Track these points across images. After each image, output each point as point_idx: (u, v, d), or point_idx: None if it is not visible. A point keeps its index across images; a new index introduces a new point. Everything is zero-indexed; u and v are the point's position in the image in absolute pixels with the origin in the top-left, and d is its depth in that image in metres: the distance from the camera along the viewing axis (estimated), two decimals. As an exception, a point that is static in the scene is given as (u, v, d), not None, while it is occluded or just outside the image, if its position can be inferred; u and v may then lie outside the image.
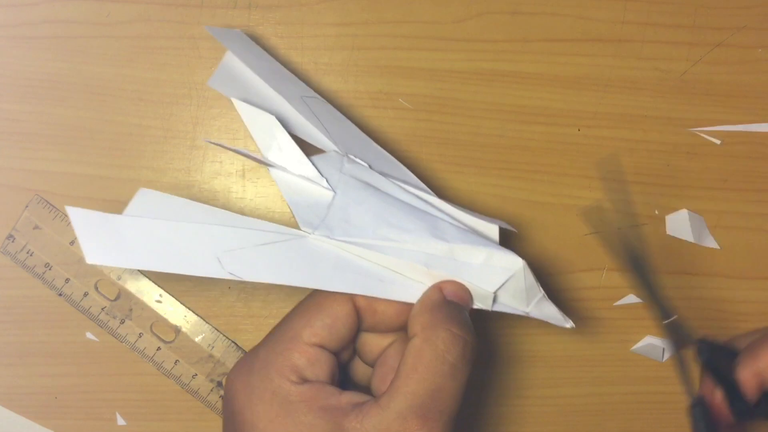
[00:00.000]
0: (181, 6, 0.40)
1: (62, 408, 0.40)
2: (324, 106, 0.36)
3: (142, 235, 0.29)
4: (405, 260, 0.30)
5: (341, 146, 0.34)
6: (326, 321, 0.29)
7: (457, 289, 0.30)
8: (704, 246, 0.43)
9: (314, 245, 0.30)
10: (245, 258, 0.29)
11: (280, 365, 0.28)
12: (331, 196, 0.32)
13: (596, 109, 0.42)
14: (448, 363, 0.28)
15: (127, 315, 0.40)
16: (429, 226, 0.31)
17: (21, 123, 0.40)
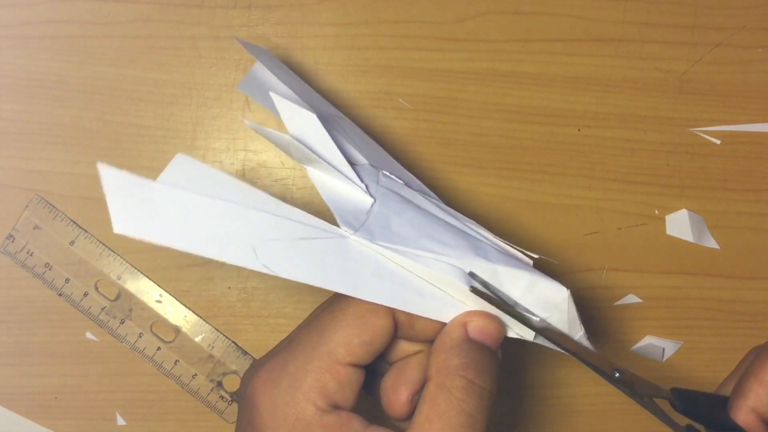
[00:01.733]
0: (181, 6, 0.40)
1: (62, 408, 0.40)
2: (350, 125, 0.35)
3: (176, 209, 0.26)
4: (448, 276, 0.28)
5: (372, 162, 0.32)
6: (364, 338, 0.27)
7: (485, 324, 0.28)
8: (704, 246, 0.43)
9: (354, 248, 0.28)
10: (282, 251, 0.27)
11: (309, 386, 0.26)
12: (370, 203, 0.29)
13: (596, 109, 0.42)
14: (465, 413, 0.26)
15: (127, 315, 0.40)
16: (471, 245, 0.29)
17: (21, 123, 0.40)
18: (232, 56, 0.41)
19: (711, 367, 0.43)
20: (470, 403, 0.26)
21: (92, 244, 0.40)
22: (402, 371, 0.29)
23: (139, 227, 0.25)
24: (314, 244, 0.27)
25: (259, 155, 0.41)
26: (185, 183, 0.26)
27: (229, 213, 0.26)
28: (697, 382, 0.43)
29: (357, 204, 0.29)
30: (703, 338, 0.43)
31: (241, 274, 0.41)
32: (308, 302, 0.41)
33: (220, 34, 0.40)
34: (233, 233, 0.26)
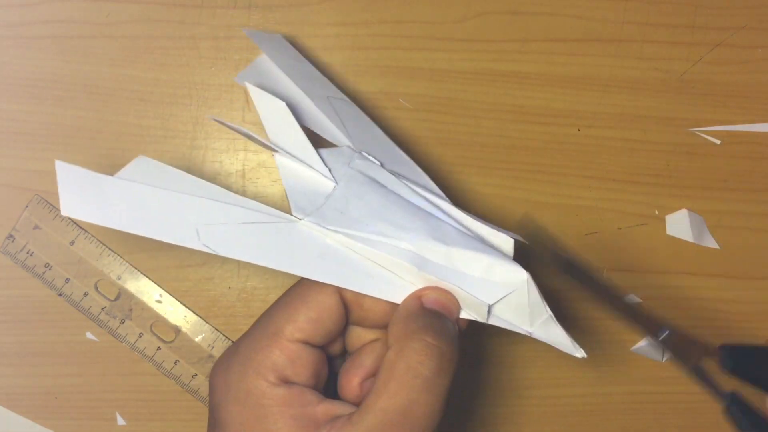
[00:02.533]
0: (181, 6, 0.40)
1: (62, 408, 0.40)
2: (349, 108, 0.36)
3: (125, 197, 0.29)
4: (396, 258, 0.28)
5: (357, 144, 0.33)
6: (311, 315, 0.28)
7: (439, 296, 0.28)
8: (704, 246, 0.43)
9: (302, 232, 0.29)
10: (226, 234, 0.28)
11: (258, 363, 0.27)
12: (331, 187, 0.31)
13: (596, 109, 0.42)
14: (422, 376, 0.26)
15: (127, 315, 0.40)
16: (430, 228, 0.29)
17: (21, 123, 0.40)
18: (232, 56, 0.41)
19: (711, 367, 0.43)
20: (428, 365, 0.26)
21: (92, 244, 0.40)
22: (357, 356, 0.30)
23: (84, 211, 0.28)
24: (259, 228, 0.29)
25: (259, 155, 0.41)
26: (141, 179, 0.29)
27: (176, 200, 0.29)
28: (697, 382, 0.43)
29: (317, 188, 0.31)
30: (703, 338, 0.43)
31: (240, 274, 0.41)
32: (308, 302, 0.41)
33: (220, 34, 0.40)
34: (178, 217, 0.28)
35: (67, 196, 0.28)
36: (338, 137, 0.34)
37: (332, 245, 0.29)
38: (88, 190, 0.28)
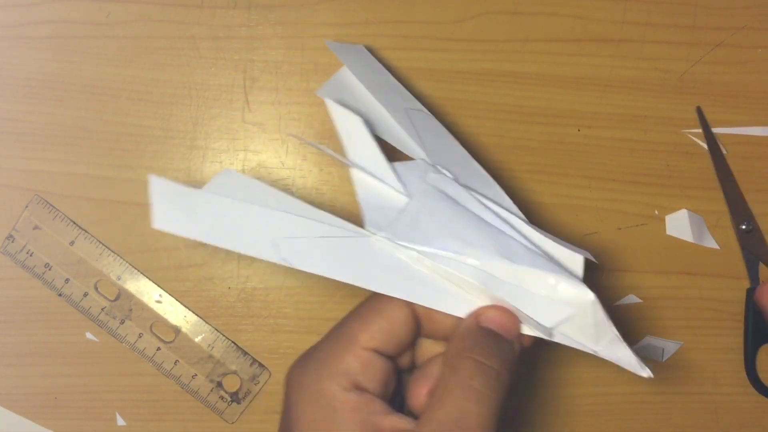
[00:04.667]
0: (181, 6, 0.40)
1: (62, 408, 0.40)
2: (427, 119, 0.36)
3: (211, 211, 0.30)
4: (463, 275, 0.29)
5: (432, 157, 0.33)
6: (383, 325, 0.29)
7: (498, 315, 0.29)
8: (704, 246, 0.43)
9: (375, 246, 0.30)
10: (302, 247, 0.29)
11: (332, 367, 0.28)
12: (404, 202, 0.31)
13: (596, 109, 0.42)
14: (473, 389, 0.27)
15: (127, 315, 0.40)
16: (497, 244, 0.30)
17: (21, 123, 0.40)
18: (232, 56, 0.41)
19: (711, 367, 0.43)
20: (478, 380, 0.27)
21: (92, 244, 0.40)
22: (425, 367, 0.31)
23: (174, 225, 0.29)
24: (334, 242, 0.30)
25: (259, 155, 0.41)
26: (226, 192, 0.30)
27: (258, 214, 0.30)
28: (698, 382, 0.43)
29: (391, 203, 0.31)
30: (703, 338, 0.43)
31: (240, 274, 0.41)
32: (308, 302, 0.41)
33: (219, 34, 0.40)
34: (258, 231, 0.29)
35: (159, 209, 0.29)
36: (414, 150, 0.34)
37: (403, 260, 0.30)
38: (177, 203, 0.29)
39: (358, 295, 0.41)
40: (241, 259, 0.41)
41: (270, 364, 0.41)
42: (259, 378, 0.41)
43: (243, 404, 0.41)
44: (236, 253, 0.41)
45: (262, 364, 0.41)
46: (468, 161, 0.35)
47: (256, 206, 0.30)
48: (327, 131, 0.41)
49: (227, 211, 0.30)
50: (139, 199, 0.40)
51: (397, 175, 0.32)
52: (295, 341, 0.41)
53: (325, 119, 0.41)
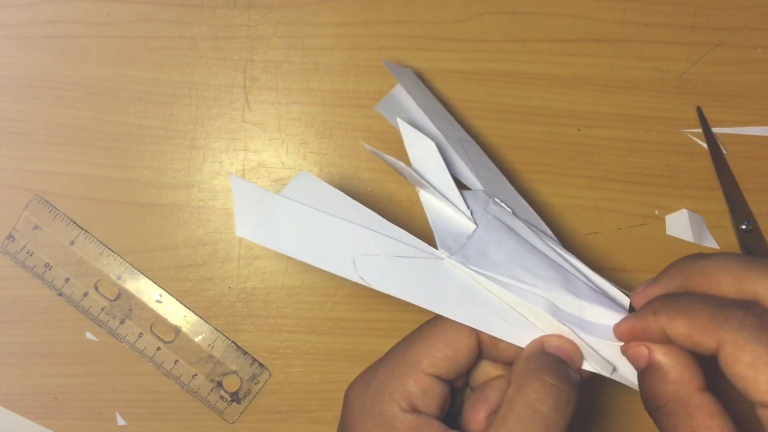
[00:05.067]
0: (181, 6, 0.40)
1: (62, 408, 0.40)
2: (477, 151, 0.37)
3: (292, 220, 0.29)
4: (532, 304, 0.29)
5: (488, 188, 0.34)
6: (447, 353, 0.29)
7: (562, 343, 0.29)
8: (704, 246, 0.43)
9: (447, 269, 0.30)
10: (379, 265, 0.29)
11: (393, 389, 0.29)
12: (472, 229, 0.32)
13: (596, 109, 0.42)
14: (540, 413, 0.26)
15: (127, 315, 0.40)
16: (562, 279, 0.30)
17: (21, 123, 0.40)
18: (232, 56, 0.41)
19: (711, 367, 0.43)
20: (546, 403, 0.27)
21: (92, 244, 0.40)
22: (482, 391, 0.31)
23: (256, 233, 0.29)
24: (410, 262, 0.30)
25: (259, 155, 0.41)
26: (304, 197, 0.30)
27: (336, 227, 0.29)
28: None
29: (459, 228, 0.32)
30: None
31: (240, 274, 0.41)
32: (307, 302, 0.41)
33: (220, 34, 0.40)
34: (337, 245, 0.29)
35: (241, 215, 0.29)
36: (471, 180, 0.34)
37: (473, 285, 0.30)
38: (258, 209, 0.29)
39: (358, 295, 0.41)
40: (241, 259, 0.41)
41: (270, 364, 0.41)
42: (259, 378, 0.41)
43: (243, 404, 0.41)
44: (235, 255, 0.41)
45: (262, 364, 0.41)
46: (516, 195, 0.35)
47: (336, 218, 0.29)
48: (327, 131, 0.41)
49: (307, 221, 0.29)
50: (139, 199, 0.40)
51: (466, 202, 0.32)
52: (295, 341, 0.41)
53: (325, 119, 0.41)
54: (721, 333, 0.24)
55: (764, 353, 0.23)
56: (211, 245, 0.41)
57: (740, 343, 0.23)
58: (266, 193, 0.29)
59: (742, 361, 0.23)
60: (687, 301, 0.25)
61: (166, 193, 0.40)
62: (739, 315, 0.24)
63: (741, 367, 0.23)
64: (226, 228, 0.41)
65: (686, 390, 0.26)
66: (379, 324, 0.41)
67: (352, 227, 0.29)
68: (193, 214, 0.40)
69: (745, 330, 0.23)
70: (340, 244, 0.29)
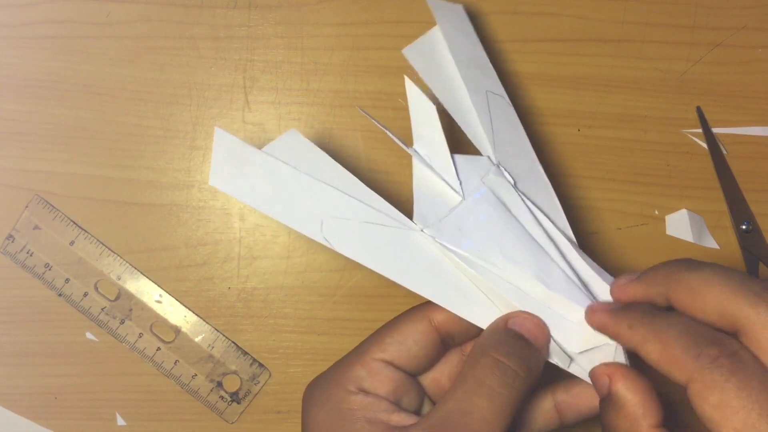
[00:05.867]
0: (181, 6, 0.40)
1: (62, 408, 0.40)
2: (505, 108, 0.35)
3: (267, 175, 0.29)
4: (497, 287, 0.29)
5: (499, 153, 0.33)
6: (396, 338, 0.29)
7: (527, 320, 0.29)
8: (704, 246, 0.43)
9: (417, 241, 0.30)
10: (346, 229, 0.29)
11: (341, 375, 0.29)
12: (457, 201, 0.31)
13: (596, 109, 0.42)
14: (485, 386, 0.27)
15: (127, 315, 0.40)
16: (538, 266, 0.30)
17: (21, 123, 0.40)
18: (232, 56, 0.41)
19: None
20: (493, 379, 0.27)
21: (92, 244, 0.40)
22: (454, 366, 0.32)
23: (230, 184, 0.29)
24: (379, 230, 0.30)
25: (259, 155, 0.41)
26: (285, 155, 0.30)
27: (310, 187, 0.29)
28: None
29: (444, 199, 0.31)
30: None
31: (240, 274, 0.41)
32: (308, 302, 0.41)
33: (220, 34, 0.40)
34: (308, 205, 0.29)
35: (217, 165, 0.29)
36: (482, 142, 0.33)
37: (440, 260, 0.30)
38: (236, 161, 0.29)
39: (358, 295, 0.41)
40: (241, 259, 0.41)
41: (270, 364, 0.41)
42: (259, 378, 0.41)
43: (243, 404, 0.41)
44: (235, 255, 0.41)
45: (262, 364, 0.41)
46: (533, 164, 0.34)
47: (311, 178, 0.29)
48: (327, 131, 0.41)
49: (283, 178, 0.29)
50: (139, 199, 0.40)
51: (456, 171, 0.31)
52: (295, 341, 0.41)
53: (325, 119, 0.41)
54: (692, 370, 0.23)
55: (732, 398, 0.22)
56: (211, 245, 0.41)
57: (709, 384, 0.23)
58: (247, 147, 0.29)
59: (710, 403, 0.23)
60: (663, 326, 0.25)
61: (166, 193, 0.40)
62: (713, 354, 0.23)
63: (708, 408, 0.23)
64: (226, 228, 0.41)
65: (638, 426, 0.26)
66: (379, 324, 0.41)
67: (326, 189, 0.30)
68: (193, 214, 0.40)
69: (715, 371, 0.23)
70: (312, 205, 0.29)
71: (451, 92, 0.34)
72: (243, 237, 0.41)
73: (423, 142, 0.32)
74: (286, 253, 0.41)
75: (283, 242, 0.41)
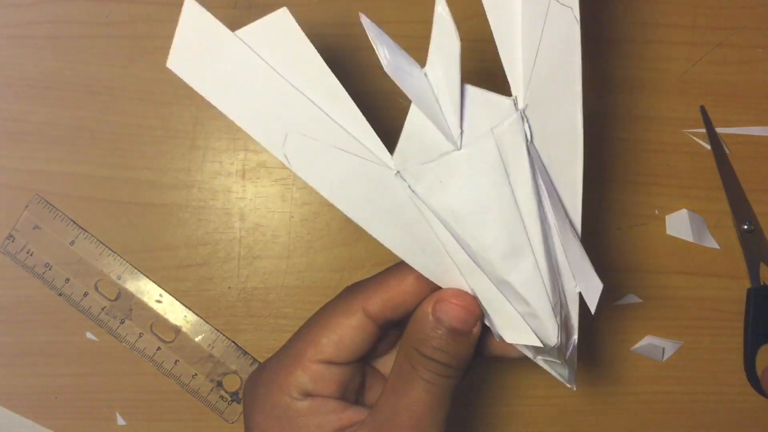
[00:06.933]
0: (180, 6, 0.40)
1: (62, 408, 0.40)
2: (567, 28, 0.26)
3: (235, 67, 0.25)
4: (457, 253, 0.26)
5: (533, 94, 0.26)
6: (332, 338, 0.29)
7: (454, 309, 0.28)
8: (704, 246, 0.43)
9: (387, 180, 0.26)
10: (311, 150, 0.25)
11: (282, 380, 0.29)
12: (449, 150, 0.25)
13: (596, 109, 0.42)
14: (421, 379, 0.27)
15: (127, 315, 0.40)
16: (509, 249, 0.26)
17: (21, 123, 0.40)
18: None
19: (711, 367, 0.43)
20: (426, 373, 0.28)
21: (92, 244, 0.40)
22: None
23: (189, 70, 0.25)
24: (347, 159, 0.25)
25: (259, 155, 0.41)
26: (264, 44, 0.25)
27: (283, 92, 0.25)
28: (698, 382, 0.43)
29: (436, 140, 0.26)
30: (703, 338, 0.43)
31: (240, 274, 0.41)
32: (308, 302, 0.41)
33: (220, 34, 0.40)
34: (275, 113, 0.25)
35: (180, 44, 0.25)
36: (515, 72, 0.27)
37: (406, 207, 0.26)
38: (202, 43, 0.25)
39: (358, 295, 0.41)
40: (241, 259, 0.41)
41: (270, 364, 0.41)
42: (259, 378, 0.41)
43: (243, 404, 0.41)
44: (235, 255, 0.41)
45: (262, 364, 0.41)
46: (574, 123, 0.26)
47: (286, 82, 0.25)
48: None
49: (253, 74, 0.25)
50: (139, 199, 0.40)
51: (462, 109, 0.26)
52: (295, 341, 0.41)
53: (325, 119, 0.41)
54: None
55: None
56: (211, 245, 0.41)
57: None
58: (220, 28, 0.24)
59: None
60: None
61: (166, 193, 0.40)
62: None
63: None
64: (226, 228, 0.41)
65: None
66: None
67: (299, 98, 0.25)
68: (193, 214, 0.40)
69: None
70: (279, 114, 0.25)
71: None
72: (243, 237, 0.41)
73: (436, 66, 0.26)
74: (286, 253, 0.41)
75: (283, 242, 0.41)
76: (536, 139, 0.26)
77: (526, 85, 0.26)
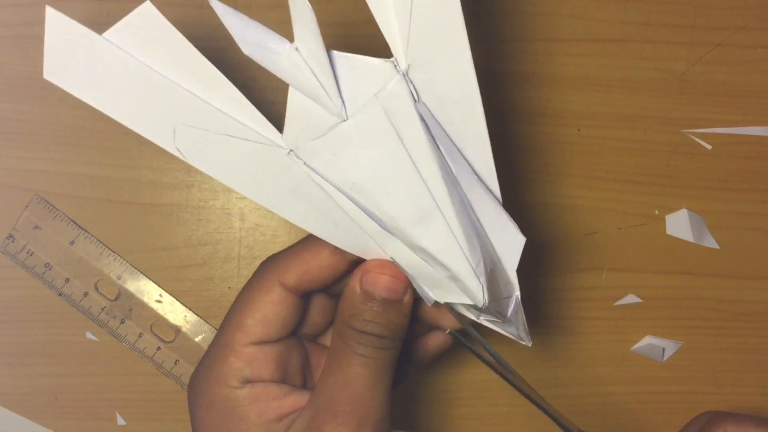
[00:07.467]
0: (181, 6, 0.40)
1: (62, 408, 0.40)
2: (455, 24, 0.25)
3: (112, 69, 0.25)
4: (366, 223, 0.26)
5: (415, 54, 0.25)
6: (257, 317, 0.28)
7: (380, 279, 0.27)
8: (704, 246, 0.43)
9: (282, 160, 0.26)
10: (203, 141, 0.25)
11: (217, 372, 0.28)
12: (337, 123, 0.25)
13: (596, 109, 0.42)
14: (356, 355, 0.27)
15: (127, 315, 0.40)
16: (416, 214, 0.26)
17: (21, 123, 0.40)
18: (232, 56, 0.40)
19: (711, 367, 0.43)
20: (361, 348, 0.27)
21: (92, 244, 0.40)
22: None
23: (68, 79, 0.25)
24: (240, 145, 0.25)
25: (259, 155, 0.41)
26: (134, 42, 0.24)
27: (162, 87, 0.25)
28: (697, 382, 0.43)
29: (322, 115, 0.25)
30: (703, 338, 0.43)
31: (240, 274, 0.41)
32: (308, 302, 0.41)
33: (220, 34, 0.40)
34: (160, 109, 0.25)
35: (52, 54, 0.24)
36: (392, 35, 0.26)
37: (305, 181, 0.26)
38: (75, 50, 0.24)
39: (358, 295, 0.41)
40: (241, 259, 0.41)
41: (270, 364, 0.41)
42: (259, 378, 0.41)
43: (243, 404, 0.41)
44: (235, 255, 0.41)
45: (262, 364, 0.41)
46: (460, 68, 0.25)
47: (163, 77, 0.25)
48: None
49: (130, 74, 0.24)
50: (139, 199, 0.40)
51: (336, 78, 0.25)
52: (295, 341, 0.41)
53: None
54: None
55: None
56: (211, 245, 0.41)
57: None
58: (86, 32, 0.24)
59: None
60: None
61: (166, 193, 0.40)
62: None
63: None
64: (226, 228, 0.41)
65: None
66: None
67: (179, 91, 0.25)
68: (193, 214, 0.40)
69: None
70: (164, 108, 0.25)
71: None
72: (243, 237, 0.41)
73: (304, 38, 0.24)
74: (286, 253, 0.41)
75: (283, 242, 0.41)
76: (427, 99, 0.25)
77: (406, 45, 0.25)
